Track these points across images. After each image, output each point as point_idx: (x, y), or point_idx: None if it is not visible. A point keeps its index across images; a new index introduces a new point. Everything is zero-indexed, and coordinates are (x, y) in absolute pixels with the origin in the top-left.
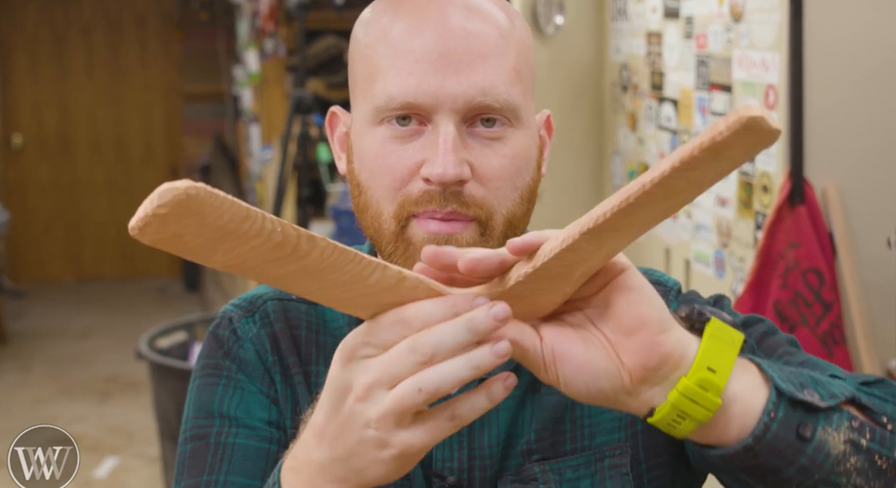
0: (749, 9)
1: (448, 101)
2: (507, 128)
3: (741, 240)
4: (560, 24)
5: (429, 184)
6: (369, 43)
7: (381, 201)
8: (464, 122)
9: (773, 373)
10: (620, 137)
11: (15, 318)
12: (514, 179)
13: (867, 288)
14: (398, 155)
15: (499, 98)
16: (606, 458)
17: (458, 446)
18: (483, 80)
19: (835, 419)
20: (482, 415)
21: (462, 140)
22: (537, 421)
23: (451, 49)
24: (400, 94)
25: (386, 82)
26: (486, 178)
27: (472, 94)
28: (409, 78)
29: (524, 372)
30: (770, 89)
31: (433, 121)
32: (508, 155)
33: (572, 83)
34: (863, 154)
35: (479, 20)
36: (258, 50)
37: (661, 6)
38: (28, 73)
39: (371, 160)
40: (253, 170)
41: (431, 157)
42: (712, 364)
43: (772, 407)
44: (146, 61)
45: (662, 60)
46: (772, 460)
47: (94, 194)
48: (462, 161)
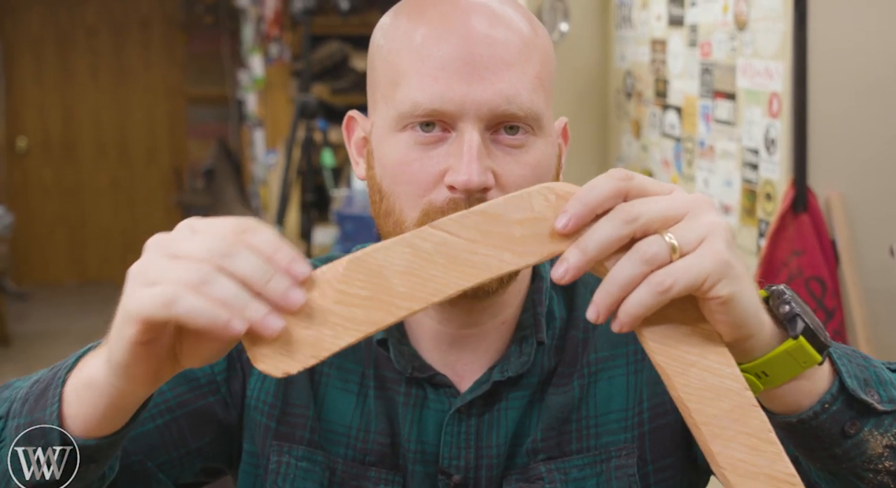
0: (753, 17)
1: (473, 109)
2: (530, 136)
3: (744, 248)
4: (565, 31)
5: (453, 192)
6: (392, 48)
7: (405, 208)
8: (487, 129)
9: (842, 366)
10: (624, 144)
11: (18, 320)
12: None
13: (870, 295)
14: (422, 162)
15: (523, 106)
16: (613, 459)
17: (465, 445)
18: (508, 88)
19: (886, 423)
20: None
21: (486, 147)
22: (543, 421)
23: (475, 56)
24: (425, 100)
25: (410, 88)
26: (508, 186)
27: (496, 102)
28: (433, 84)
29: (534, 374)
30: (774, 97)
31: (457, 128)
32: (530, 163)
33: (577, 90)
34: (866, 162)
35: (504, 28)
36: (263, 54)
37: (665, 14)
38: (32, 76)
39: (394, 166)
40: (257, 174)
41: (456, 165)
42: (768, 369)
43: (829, 398)
44: (150, 64)
45: (667, 68)
46: (807, 440)
47: (98, 197)
48: (486, 169)
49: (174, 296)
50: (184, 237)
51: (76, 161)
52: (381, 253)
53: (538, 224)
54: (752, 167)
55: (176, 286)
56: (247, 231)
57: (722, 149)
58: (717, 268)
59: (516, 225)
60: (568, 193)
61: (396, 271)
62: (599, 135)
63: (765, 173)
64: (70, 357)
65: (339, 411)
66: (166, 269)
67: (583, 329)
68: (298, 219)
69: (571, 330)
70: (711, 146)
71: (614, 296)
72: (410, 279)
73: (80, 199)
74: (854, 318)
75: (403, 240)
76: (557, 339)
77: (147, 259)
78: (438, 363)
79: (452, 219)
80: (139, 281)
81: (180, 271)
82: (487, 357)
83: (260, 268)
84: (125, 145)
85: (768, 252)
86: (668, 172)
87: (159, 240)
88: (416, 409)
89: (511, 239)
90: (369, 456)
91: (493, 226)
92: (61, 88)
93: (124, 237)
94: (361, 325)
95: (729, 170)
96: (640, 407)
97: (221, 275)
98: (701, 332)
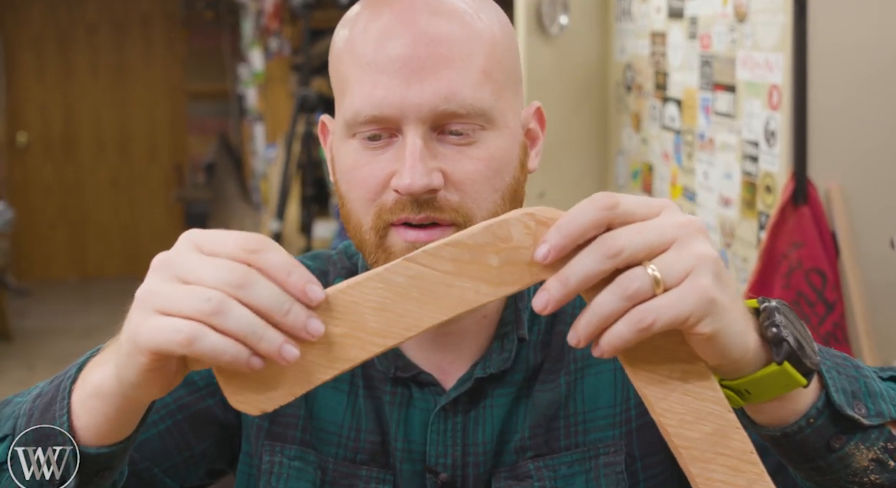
0: (753, 9)
1: (412, 111)
2: (480, 131)
3: (744, 241)
4: (564, 23)
5: (399, 195)
6: (340, 56)
7: (360, 212)
8: (433, 129)
9: (829, 380)
10: (624, 137)
11: (19, 317)
12: (491, 181)
13: (870, 288)
14: (370, 167)
15: (464, 103)
16: (601, 456)
17: (451, 442)
18: (447, 87)
19: (872, 437)
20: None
21: (432, 148)
22: (531, 418)
23: (414, 57)
24: (365, 107)
25: (353, 96)
26: (460, 183)
27: (435, 102)
28: (374, 91)
29: (519, 370)
30: (774, 90)
31: (402, 131)
32: (483, 158)
33: (576, 83)
34: (866, 154)
35: (444, 22)
36: (263, 49)
37: (665, 6)
38: (33, 73)
39: (347, 172)
40: (257, 168)
41: (400, 169)
42: (751, 388)
43: (815, 413)
44: (151, 60)
45: (666, 60)
46: (791, 452)
47: (99, 193)
48: (431, 170)
49: (194, 334)
50: (191, 258)
51: (77, 157)
52: (354, 289)
53: (517, 253)
54: (752, 159)
55: (193, 321)
56: (257, 251)
57: (722, 141)
58: (700, 306)
59: (493, 254)
60: (549, 220)
61: (370, 307)
62: (599, 128)
63: (765, 165)
64: (70, 367)
65: (331, 410)
66: (178, 297)
67: (569, 324)
68: (298, 212)
69: (558, 325)
70: (711, 138)
71: (594, 326)
72: (384, 315)
73: (81, 195)
74: (854, 310)
75: (377, 274)
76: (543, 335)
77: (154, 282)
78: (423, 362)
79: (427, 251)
80: (149, 307)
81: (193, 300)
82: (470, 354)
83: (278, 298)
84: (126, 141)
85: (768, 244)
86: (668, 165)
87: (165, 260)
88: (402, 408)
89: (488, 269)
90: (360, 455)
91: (470, 255)
92: (62, 85)
93: (125, 233)
94: (337, 363)
95: (729, 163)
96: (628, 404)
97: (237, 305)
98: (683, 356)
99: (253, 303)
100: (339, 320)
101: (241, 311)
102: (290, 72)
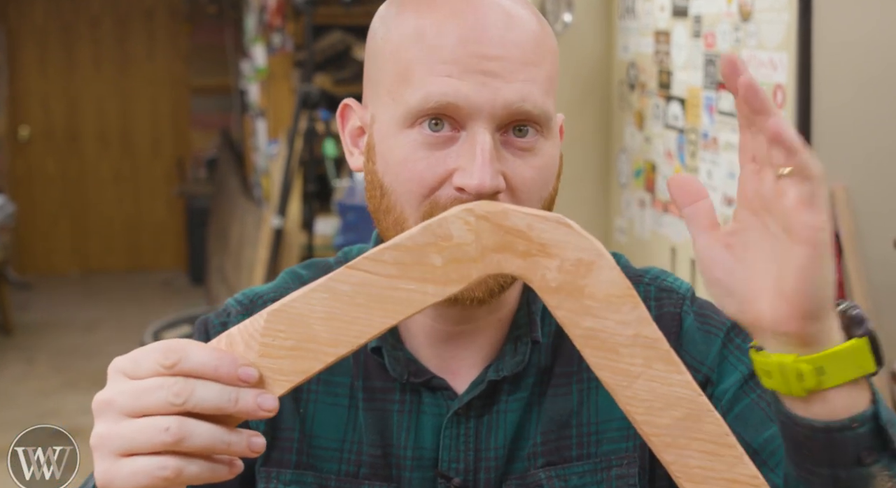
0: (758, 8)
1: (487, 107)
2: (539, 137)
3: None
4: (568, 21)
5: (462, 193)
6: (400, 42)
7: (407, 207)
8: (498, 130)
9: (879, 398)
10: (627, 135)
11: (20, 310)
12: (540, 191)
13: (873, 288)
14: (428, 161)
15: (537, 105)
16: (613, 467)
17: (464, 447)
18: (523, 88)
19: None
20: (490, 417)
21: (498, 150)
22: (542, 425)
23: (491, 54)
24: (438, 93)
25: (423, 82)
26: (515, 189)
27: (512, 101)
28: (447, 79)
29: (530, 373)
30: (778, 89)
31: (468, 127)
32: (539, 166)
33: (580, 81)
34: (870, 155)
35: (518, 27)
36: (265, 44)
37: (669, 5)
38: (36, 66)
39: (398, 165)
40: (259, 164)
41: (467, 167)
42: (827, 366)
43: (861, 419)
44: (154, 54)
45: (670, 59)
46: (817, 453)
47: (101, 187)
48: (498, 172)
49: (178, 467)
50: (127, 390)
51: (79, 151)
52: (299, 301)
53: (460, 250)
54: None
55: (167, 455)
56: (178, 361)
57: (725, 140)
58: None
59: (436, 254)
60: (488, 213)
61: (318, 318)
62: (602, 127)
63: None
64: None
65: (330, 427)
66: (133, 434)
67: None
68: (300, 209)
69: None
70: (715, 138)
71: None
72: (332, 324)
73: (83, 189)
74: None
75: (321, 285)
76: (554, 337)
77: (104, 426)
78: (433, 361)
79: (368, 257)
80: (110, 452)
81: (152, 432)
82: (482, 354)
83: (220, 394)
84: (128, 135)
85: None
86: (671, 163)
87: (105, 400)
88: (411, 415)
89: (433, 269)
90: (363, 469)
91: (412, 257)
92: (65, 78)
93: (127, 227)
94: (290, 376)
95: (732, 162)
96: None
97: (193, 422)
98: (644, 342)
99: (203, 410)
100: (288, 333)
101: (201, 428)
102: (292, 68)
